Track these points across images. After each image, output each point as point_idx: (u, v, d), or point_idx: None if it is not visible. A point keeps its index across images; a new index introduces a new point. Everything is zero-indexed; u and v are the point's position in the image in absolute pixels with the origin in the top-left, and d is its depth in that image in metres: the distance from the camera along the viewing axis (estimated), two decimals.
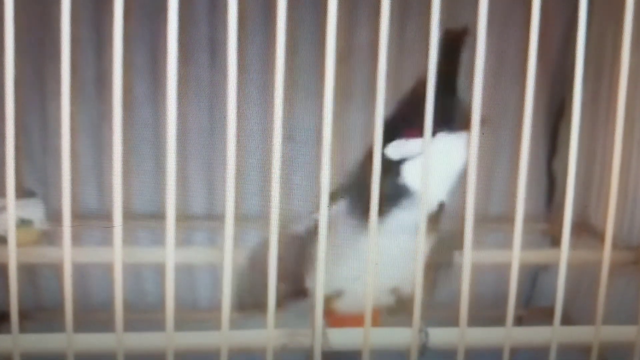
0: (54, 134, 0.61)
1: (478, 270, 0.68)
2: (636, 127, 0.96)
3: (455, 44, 0.67)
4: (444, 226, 0.72)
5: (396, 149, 0.70)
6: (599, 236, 0.71)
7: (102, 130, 1.01)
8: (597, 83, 1.05)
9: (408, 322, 0.69)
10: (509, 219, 0.68)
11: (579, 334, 0.74)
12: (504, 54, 0.98)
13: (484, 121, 0.64)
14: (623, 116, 0.66)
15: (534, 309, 1.14)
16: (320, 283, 0.66)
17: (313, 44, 0.67)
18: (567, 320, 0.72)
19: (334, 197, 0.69)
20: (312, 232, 0.68)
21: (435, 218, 0.71)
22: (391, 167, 0.69)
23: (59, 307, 0.65)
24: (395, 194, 0.70)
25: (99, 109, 1.01)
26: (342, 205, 0.72)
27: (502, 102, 0.82)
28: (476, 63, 0.62)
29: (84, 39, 0.99)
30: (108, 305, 0.65)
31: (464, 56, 0.67)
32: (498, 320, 0.71)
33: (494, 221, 0.91)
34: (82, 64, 0.99)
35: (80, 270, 0.68)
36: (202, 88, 0.97)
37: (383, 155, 0.66)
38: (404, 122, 0.68)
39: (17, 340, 0.65)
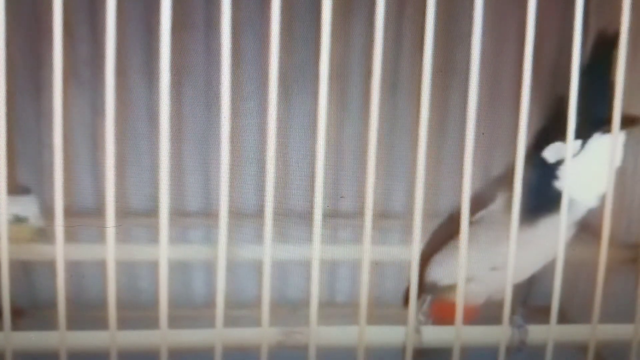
0: (49, 129, 0.60)
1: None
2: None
3: (607, 44, 0.66)
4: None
5: (553, 152, 0.70)
6: (596, 234, 0.71)
7: (98, 126, 1.01)
8: None
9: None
10: None
11: (575, 332, 0.73)
12: (502, 55, 0.98)
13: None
14: (620, 114, 0.66)
15: (530, 308, 1.14)
16: (315, 281, 0.66)
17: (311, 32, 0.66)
18: (563, 318, 0.72)
19: (492, 194, 0.71)
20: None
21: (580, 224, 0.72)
22: (547, 170, 0.69)
23: (54, 305, 0.64)
24: (549, 197, 0.69)
25: (94, 104, 1.01)
26: (500, 202, 0.71)
27: (498, 103, 0.81)
28: (471, 63, 0.62)
29: (78, 33, 0.99)
30: (102, 303, 0.65)
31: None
32: (494, 318, 0.71)
33: None
34: (76, 58, 0.99)
35: (74, 268, 0.68)
36: (198, 84, 0.97)
37: (539, 158, 0.69)
38: (562, 124, 0.67)
39: (10, 337, 0.65)
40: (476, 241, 0.70)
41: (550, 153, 0.70)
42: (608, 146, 0.67)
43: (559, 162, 0.69)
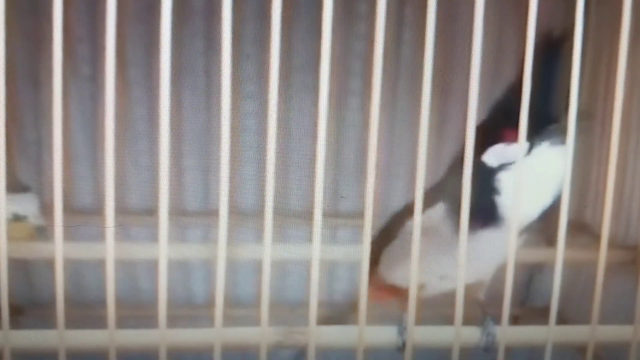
0: (49, 127, 0.60)
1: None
2: (633, 125, 0.96)
3: (555, 48, 0.62)
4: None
5: (494, 155, 0.63)
6: (595, 235, 0.71)
7: (98, 124, 1.01)
8: (594, 82, 1.04)
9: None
10: None
11: (574, 333, 0.73)
12: (502, 54, 0.98)
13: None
14: (620, 115, 0.66)
15: (529, 309, 1.14)
16: (315, 283, 0.66)
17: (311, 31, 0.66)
18: (562, 319, 0.72)
19: (431, 199, 0.65)
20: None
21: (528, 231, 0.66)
22: (488, 175, 0.63)
23: (52, 303, 0.64)
24: (488, 206, 0.63)
25: (94, 102, 1.01)
26: (440, 208, 0.66)
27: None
28: (472, 65, 0.62)
29: (78, 32, 0.99)
30: (101, 302, 0.65)
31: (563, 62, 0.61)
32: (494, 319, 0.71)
33: None
34: (76, 56, 0.99)
35: (73, 266, 0.68)
36: (198, 82, 0.97)
37: (480, 162, 0.61)
38: (503, 123, 0.61)
39: (8, 336, 0.64)
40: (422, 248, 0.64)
41: (490, 156, 0.64)
42: (553, 157, 0.62)
43: (501, 167, 0.63)
